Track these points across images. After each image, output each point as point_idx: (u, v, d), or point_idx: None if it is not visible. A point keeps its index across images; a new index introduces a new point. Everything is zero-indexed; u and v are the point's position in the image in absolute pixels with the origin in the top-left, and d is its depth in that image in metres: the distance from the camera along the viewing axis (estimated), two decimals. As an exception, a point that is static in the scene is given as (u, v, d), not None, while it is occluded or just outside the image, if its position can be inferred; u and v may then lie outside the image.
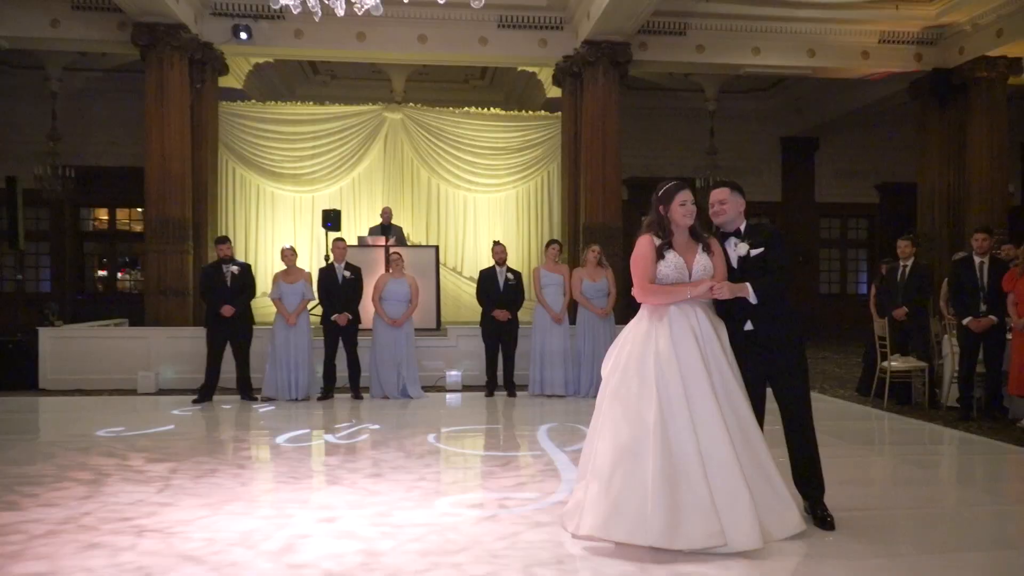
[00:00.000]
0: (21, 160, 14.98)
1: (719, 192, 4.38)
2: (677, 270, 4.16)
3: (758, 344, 4.25)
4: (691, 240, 4.25)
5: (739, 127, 17.36)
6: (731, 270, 4.32)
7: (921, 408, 8.23)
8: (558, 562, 3.70)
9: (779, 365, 4.28)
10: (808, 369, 4.45)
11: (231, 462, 5.92)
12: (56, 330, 9.90)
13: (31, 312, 11.92)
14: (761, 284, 4.20)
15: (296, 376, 8.75)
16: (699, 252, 4.22)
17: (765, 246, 4.28)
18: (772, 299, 4.25)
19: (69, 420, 7.74)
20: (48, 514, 4.43)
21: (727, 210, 4.35)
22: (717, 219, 4.40)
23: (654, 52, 12.80)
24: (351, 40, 12.38)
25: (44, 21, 11.65)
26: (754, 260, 4.27)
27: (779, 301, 4.29)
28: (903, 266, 8.46)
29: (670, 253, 4.19)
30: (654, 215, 4.27)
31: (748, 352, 4.23)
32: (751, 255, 4.28)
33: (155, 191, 11.55)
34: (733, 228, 4.38)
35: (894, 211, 17.86)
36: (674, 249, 4.20)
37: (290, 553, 3.83)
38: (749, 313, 4.24)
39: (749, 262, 4.28)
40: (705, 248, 4.24)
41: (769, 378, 4.32)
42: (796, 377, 4.32)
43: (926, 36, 13.06)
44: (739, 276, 4.26)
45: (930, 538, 4.16)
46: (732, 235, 4.37)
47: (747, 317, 4.25)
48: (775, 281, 4.25)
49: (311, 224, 14.29)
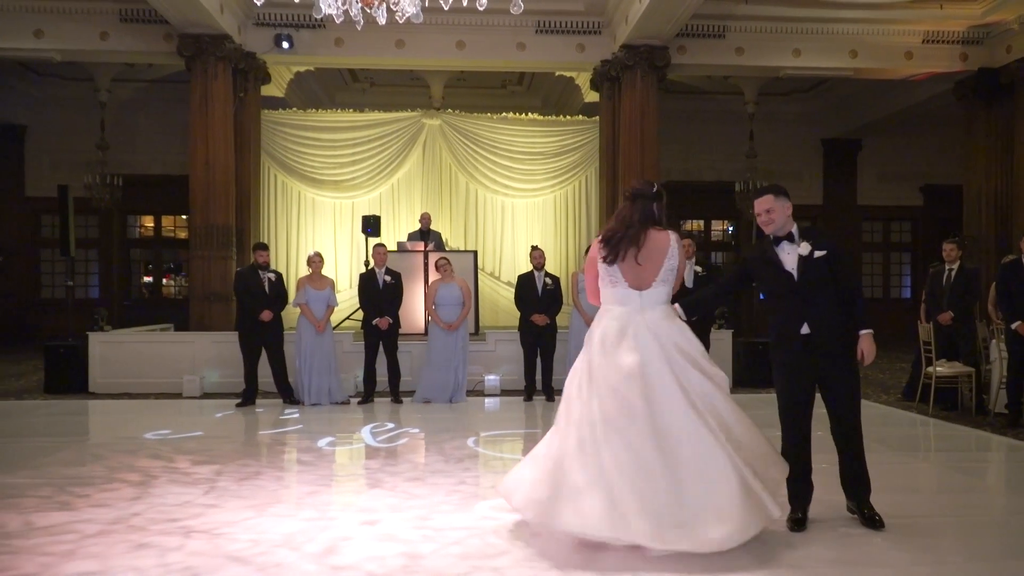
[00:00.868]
0: (72, 169, 15.45)
1: (764, 201, 4.28)
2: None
3: (813, 348, 4.21)
4: None
5: (779, 130, 17.20)
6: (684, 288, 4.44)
7: (968, 414, 8.08)
8: (596, 566, 3.70)
9: (832, 369, 4.24)
10: (859, 375, 4.40)
11: (274, 465, 6.02)
12: (105, 335, 10.13)
13: (81, 318, 12.20)
14: (688, 302, 4.39)
15: (324, 381, 8.84)
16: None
17: (829, 250, 4.21)
18: (832, 304, 4.20)
19: (118, 423, 7.93)
20: (99, 514, 4.54)
21: (775, 218, 4.26)
22: (767, 228, 4.30)
23: (693, 55, 12.74)
24: (390, 47, 12.52)
25: (94, 34, 11.96)
26: (817, 261, 4.20)
27: (836, 306, 4.22)
28: (949, 270, 8.32)
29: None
30: (647, 209, 4.16)
31: (802, 356, 4.20)
32: (814, 256, 4.20)
33: (199, 198, 11.77)
34: (784, 233, 4.29)
35: (939, 214, 17.55)
36: None
37: (333, 555, 3.88)
38: (806, 316, 4.20)
39: (811, 263, 4.20)
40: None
41: (820, 382, 4.28)
42: (848, 382, 4.29)
43: (972, 35, 12.82)
44: (801, 278, 4.21)
45: (977, 546, 4.09)
46: (784, 239, 4.29)
47: (804, 320, 4.21)
48: (851, 288, 4.24)
49: (351, 230, 14.45)
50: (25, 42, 11.90)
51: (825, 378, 4.26)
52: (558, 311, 9.33)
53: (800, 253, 4.22)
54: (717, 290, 5.17)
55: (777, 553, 3.87)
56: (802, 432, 4.30)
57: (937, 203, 17.83)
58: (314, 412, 8.41)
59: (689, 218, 18.37)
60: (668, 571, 3.62)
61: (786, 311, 4.24)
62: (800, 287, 4.21)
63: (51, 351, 9.90)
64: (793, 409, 4.30)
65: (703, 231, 18.49)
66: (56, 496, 4.94)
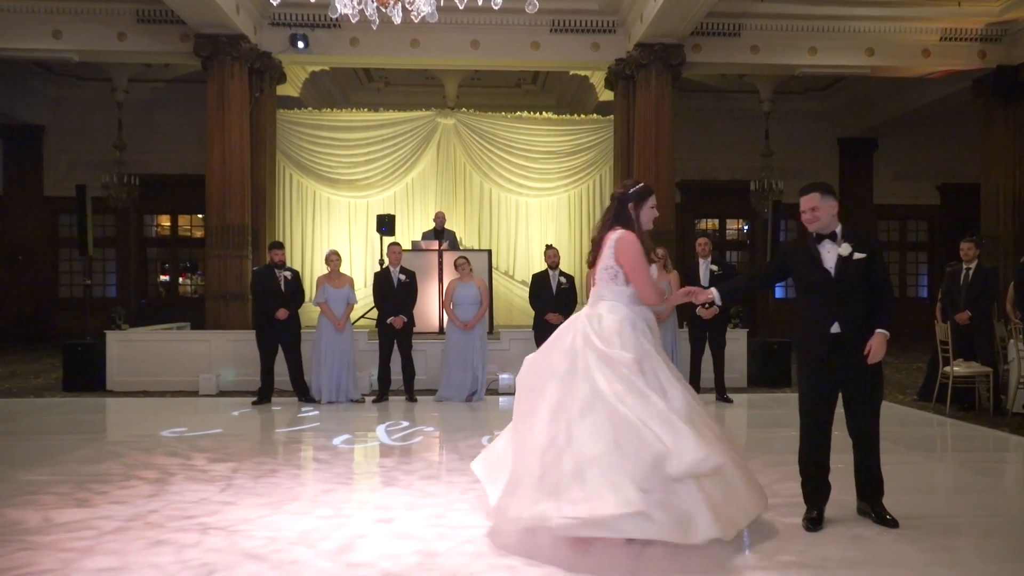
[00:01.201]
0: (89, 169, 15.59)
1: (810, 199, 4.24)
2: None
3: (841, 347, 4.20)
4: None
5: (795, 128, 17.11)
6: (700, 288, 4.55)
7: (985, 414, 8.02)
8: (611, 565, 3.70)
9: (858, 370, 4.22)
10: (883, 377, 4.39)
11: (289, 463, 6.05)
12: (122, 333, 10.21)
13: (99, 316, 12.30)
14: (726, 287, 4.49)
15: (341, 379, 8.88)
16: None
17: (869, 254, 4.20)
18: (864, 306, 4.19)
19: (135, 420, 7.98)
20: (117, 511, 4.58)
21: (820, 216, 4.23)
22: (811, 226, 4.27)
23: (708, 54, 12.70)
24: (405, 47, 12.55)
25: (111, 35, 12.06)
26: (856, 263, 4.18)
27: (867, 308, 4.21)
28: (966, 269, 8.26)
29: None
30: (620, 212, 4.25)
31: (829, 355, 4.19)
32: (853, 257, 4.19)
33: (216, 198, 11.85)
34: (828, 232, 4.26)
35: (956, 213, 17.39)
36: None
37: (348, 552, 3.90)
38: (838, 315, 4.19)
39: (850, 264, 4.19)
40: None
41: (844, 382, 4.26)
42: (872, 384, 4.27)
43: (990, 33, 12.72)
44: (838, 278, 4.19)
45: (994, 547, 4.07)
46: (827, 238, 4.26)
47: (835, 319, 4.20)
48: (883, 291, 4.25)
49: (365, 229, 14.50)
50: (43, 43, 12.02)
51: (850, 378, 4.24)
52: (573, 310, 9.32)
53: (840, 253, 4.20)
54: (752, 280, 5.22)
55: (793, 553, 3.86)
56: (823, 431, 4.29)
57: (954, 202, 17.68)
58: (330, 410, 8.44)
59: (704, 217, 18.31)
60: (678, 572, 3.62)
61: (818, 309, 4.24)
62: (836, 286, 4.19)
63: (69, 349, 9.99)
64: (817, 407, 4.28)
65: (718, 230, 18.42)
66: (74, 493, 4.99)
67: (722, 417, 8.26)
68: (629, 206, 4.24)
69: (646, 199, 4.27)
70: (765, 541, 4.05)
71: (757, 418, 8.38)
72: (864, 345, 4.17)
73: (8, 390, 9.89)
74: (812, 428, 4.30)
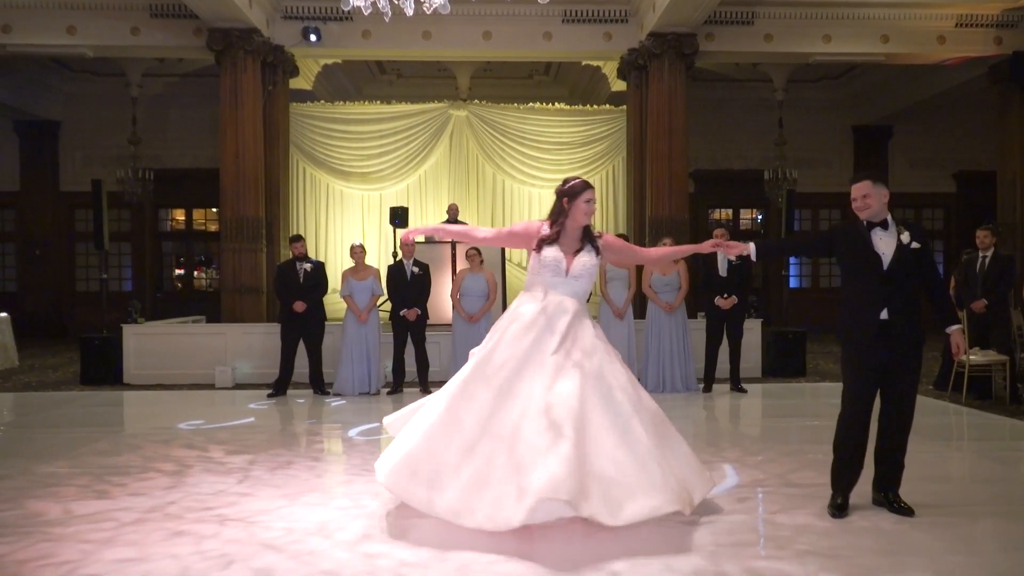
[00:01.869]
0: (104, 164, 15.72)
1: (862, 186, 4.26)
2: (554, 263, 4.36)
3: (889, 334, 4.20)
4: (581, 239, 4.43)
5: (809, 117, 16.99)
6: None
7: (1002, 403, 7.98)
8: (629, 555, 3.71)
9: (902, 359, 4.23)
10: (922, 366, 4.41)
11: (306, 454, 6.09)
12: (139, 327, 10.28)
13: (115, 310, 12.40)
14: (765, 244, 4.58)
15: (366, 371, 8.93)
16: (584, 252, 4.40)
17: (923, 246, 4.25)
18: (912, 295, 4.24)
19: (152, 413, 8.05)
20: (136, 503, 4.63)
21: (871, 203, 4.23)
22: (862, 213, 4.27)
23: (721, 43, 12.63)
24: (417, 39, 12.55)
25: (125, 29, 12.12)
26: (912, 252, 4.22)
27: (914, 297, 4.26)
28: (983, 257, 8.20)
29: (551, 248, 4.37)
30: (555, 206, 4.44)
31: (876, 343, 4.20)
32: (912, 245, 4.22)
33: (230, 191, 11.90)
34: (880, 220, 4.27)
35: (972, 200, 17.25)
36: (558, 244, 4.38)
37: (366, 542, 3.93)
38: (887, 302, 4.19)
39: (907, 253, 4.21)
40: (593, 247, 4.43)
41: (887, 370, 4.25)
42: (914, 374, 4.30)
43: (1006, 19, 12.57)
44: (891, 265, 4.21)
45: (1012, 535, 4.05)
46: (878, 226, 4.26)
47: (885, 306, 4.20)
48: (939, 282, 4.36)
49: (379, 221, 14.53)
50: (58, 38, 12.09)
51: (893, 367, 4.24)
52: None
53: (902, 240, 4.22)
54: (796, 245, 5.23)
55: (811, 542, 3.86)
56: (864, 417, 4.28)
57: (970, 190, 17.53)
58: (345, 402, 8.49)
59: (718, 207, 18.22)
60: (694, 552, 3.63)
61: (867, 294, 4.24)
62: (889, 273, 4.21)
63: (86, 343, 10.08)
64: (861, 393, 4.27)
65: (732, 220, 18.34)
66: (94, 485, 5.04)
67: (737, 407, 8.26)
68: (563, 201, 4.39)
69: (579, 195, 4.36)
70: (781, 530, 4.05)
71: (772, 408, 8.36)
72: (910, 333, 4.20)
73: (27, 384, 10.00)
74: (855, 414, 4.27)
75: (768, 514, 4.39)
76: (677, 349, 8.87)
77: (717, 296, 8.74)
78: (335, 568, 3.60)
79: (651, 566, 3.58)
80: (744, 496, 4.72)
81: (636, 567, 3.57)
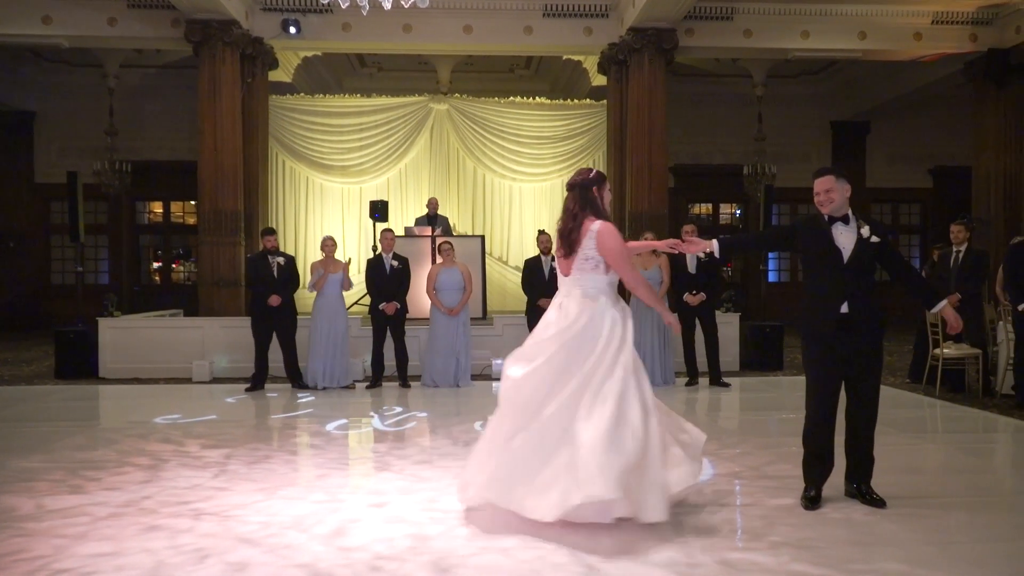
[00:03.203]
0: (81, 156, 15.56)
1: (825, 180, 4.30)
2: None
3: (850, 327, 4.24)
4: None
5: (787, 112, 17.10)
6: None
7: (975, 396, 8.08)
8: (604, 547, 3.73)
9: (863, 351, 4.27)
10: (883, 360, 4.45)
11: (283, 448, 6.07)
12: (115, 320, 10.19)
13: (91, 303, 12.29)
14: (728, 240, 4.54)
15: (332, 365, 8.88)
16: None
17: (882, 241, 4.30)
18: (870, 289, 4.30)
19: (128, 407, 7.99)
20: (111, 497, 4.60)
21: (834, 197, 4.28)
22: (824, 208, 4.31)
23: (700, 38, 12.68)
24: (398, 32, 12.49)
25: (101, 20, 11.99)
26: (872, 246, 4.27)
27: (872, 291, 4.32)
28: (957, 251, 8.28)
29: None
30: (586, 198, 4.24)
31: (837, 337, 4.24)
32: (871, 240, 4.26)
33: (208, 184, 11.82)
34: (841, 215, 4.31)
35: (948, 196, 17.45)
36: None
37: (342, 536, 3.93)
38: (847, 296, 4.23)
39: (866, 247, 4.26)
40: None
41: (848, 362, 4.29)
42: (876, 366, 4.36)
43: (981, 16, 12.72)
44: (851, 258, 4.26)
45: (985, 526, 4.10)
46: (839, 220, 4.30)
47: (845, 299, 4.24)
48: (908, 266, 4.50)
49: (359, 215, 14.49)
50: (33, 28, 11.93)
51: (855, 359, 4.28)
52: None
53: (861, 234, 4.27)
54: (756, 239, 5.23)
55: (784, 533, 3.90)
56: (829, 411, 4.32)
57: (947, 185, 17.73)
58: (323, 396, 8.46)
59: (697, 201, 18.31)
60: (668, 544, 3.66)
61: (828, 288, 4.28)
62: (848, 267, 4.25)
63: (61, 336, 9.98)
64: (825, 386, 4.31)
65: (711, 214, 18.44)
66: (68, 480, 5.00)
67: (716, 401, 8.32)
68: (593, 190, 4.26)
69: (605, 183, 4.32)
70: (755, 522, 4.09)
71: (750, 401, 8.42)
72: (870, 324, 4.26)
73: (1, 378, 9.89)
74: (820, 408, 4.32)
75: (743, 506, 4.43)
76: (657, 343, 8.91)
77: (686, 292, 8.81)
78: (311, 561, 3.59)
79: (626, 558, 3.61)
80: (719, 488, 4.75)
81: (611, 560, 3.59)
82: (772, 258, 18.03)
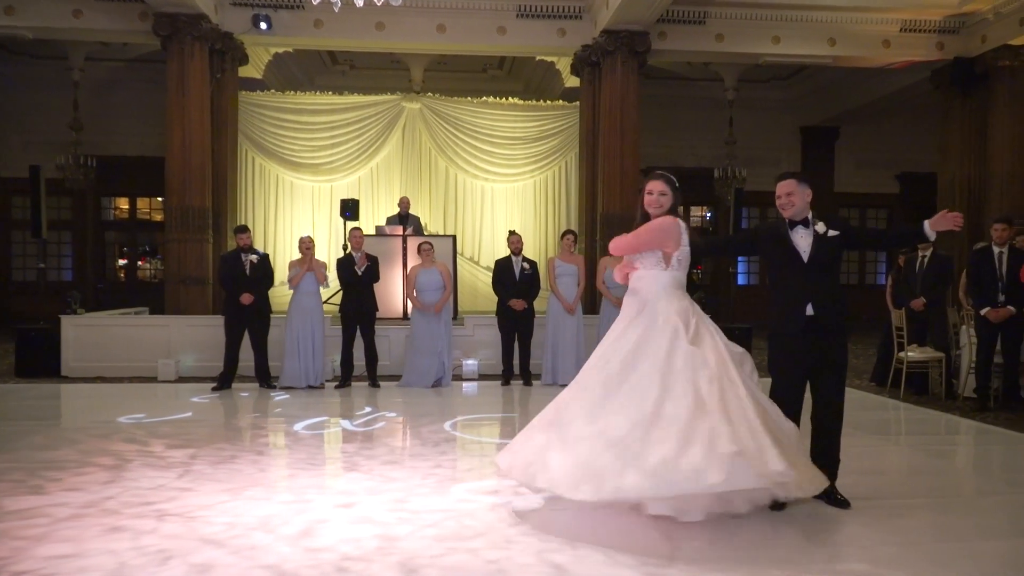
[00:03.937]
0: (44, 150, 15.22)
1: (786, 184, 4.37)
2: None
3: (815, 329, 4.27)
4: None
5: (758, 116, 17.27)
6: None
7: (938, 398, 8.20)
8: (572, 547, 3.73)
9: (828, 351, 4.31)
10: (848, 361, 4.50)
11: (250, 448, 5.99)
12: (78, 318, 10.02)
13: (54, 301, 12.07)
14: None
15: (312, 364, 8.82)
16: None
17: (842, 231, 4.35)
18: (836, 288, 4.35)
19: (91, 407, 7.86)
20: (72, 498, 4.51)
21: (795, 201, 4.35)
22: (786, 212, 4.38)
23: (673, 41, 12.75)
24: (370, 30, 12.42)
25: (66, 11, 11.77)
26: (830, 241, 4.32)
27: (839, 290, 4.37)
28: (922, 256, 8.41)
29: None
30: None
31: (803, 339, 4.27)
32: (828, 235, 4.31)
33: (176, 180, 11.65)
34: (801, 218, 4.38)
35: (914, 201, 17.71)
36: None
37: (308, 537, 3.88)
38: (811, 297, 4.26)
39: (824, 243, 4.31)
40: None
41: (813, 365, 4.32)
42: (842, 367, 4.39)
43: (948, 25, 12.92)
44: (811, 259, 4.30)
45: (947, 527, 4.16)
46: (800, 224, 4.36)
47: (809, 301, 4.27)
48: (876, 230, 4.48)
49: (329, 213, 14.37)
50: (-4, 19, 11.68)
51: (820, 360, 4.32)
52: (536, 296, 9.34)
53: (817, 230, 4.32)
54: (720, 244, 5.27)
55: (747, 534, 3.92)
56: (794, 413, 4.34)
57: (913, 190, 18.00)
58: (291, 396, 8.38)
59: (668, 204, 18.36)
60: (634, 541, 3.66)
61: (792, 291, 4.32)
62: (809, 268, 4.30)
63: (23, 334, 9.79)
64: (789, 390, 4.35)
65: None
66: (28, 480, 4.89)
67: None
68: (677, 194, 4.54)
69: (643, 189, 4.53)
70: (719, 523, 4.10)
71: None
72: (836, 325, 4.30)
73: (-40, 375, 9.69)
74: (784, 408, 4.33)
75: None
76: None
77: None
78: (277, 562, 3.54)
79: (594, 557, 3.61)
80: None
81: (579, 560, 3.58)
82: (742, 261, 18.20)
